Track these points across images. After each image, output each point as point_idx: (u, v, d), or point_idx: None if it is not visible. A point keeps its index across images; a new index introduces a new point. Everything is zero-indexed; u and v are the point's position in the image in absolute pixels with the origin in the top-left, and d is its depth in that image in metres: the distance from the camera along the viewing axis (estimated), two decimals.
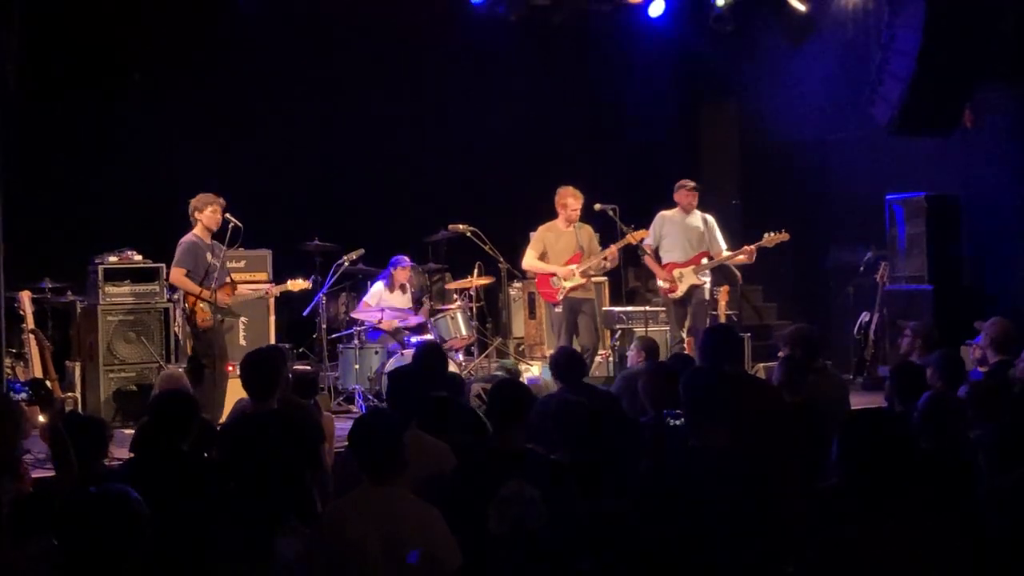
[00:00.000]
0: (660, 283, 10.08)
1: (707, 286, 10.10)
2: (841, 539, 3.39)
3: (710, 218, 10.22)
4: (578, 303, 9.87)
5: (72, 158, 11.06)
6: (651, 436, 5.25)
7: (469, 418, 5.89)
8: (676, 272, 9.96)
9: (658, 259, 10.13)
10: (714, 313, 10.39)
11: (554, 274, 9.86)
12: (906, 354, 7.60)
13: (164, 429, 5.08)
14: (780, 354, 6.78)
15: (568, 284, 9.81)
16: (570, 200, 9.88)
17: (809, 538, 3.63)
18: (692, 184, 10.14)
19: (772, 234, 9.95)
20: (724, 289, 10.50)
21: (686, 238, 10.05)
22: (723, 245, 10.14)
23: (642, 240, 9.89)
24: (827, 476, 4.61)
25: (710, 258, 10.07)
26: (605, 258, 9.86)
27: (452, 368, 9.13)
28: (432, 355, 6.56)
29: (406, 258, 10.90)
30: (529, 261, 10.11)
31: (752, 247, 9.95)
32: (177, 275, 8.80)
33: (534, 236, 10.19)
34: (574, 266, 9.81)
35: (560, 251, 9.92)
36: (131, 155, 11.28)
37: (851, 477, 3.49)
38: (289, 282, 9.69)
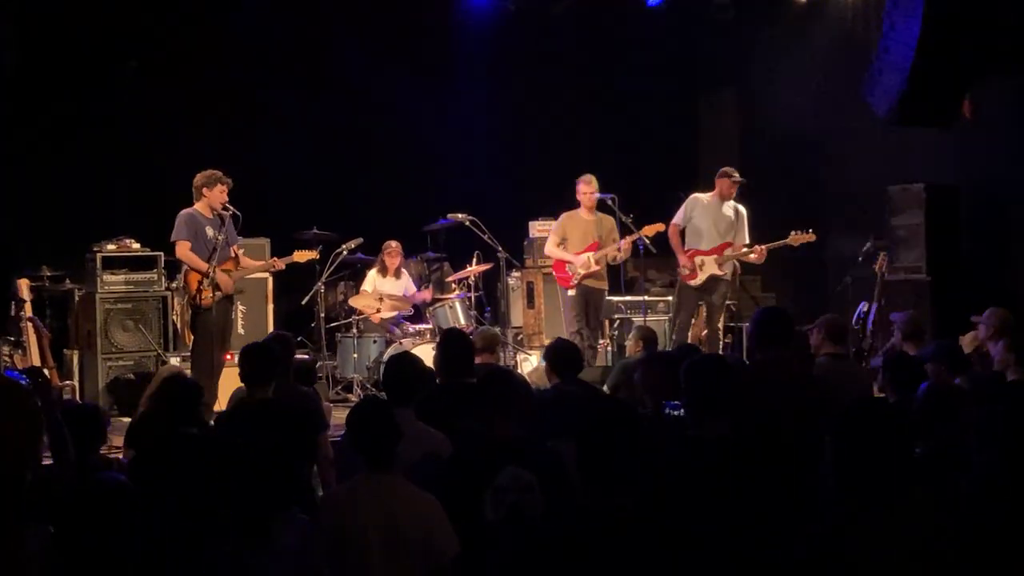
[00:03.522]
0: (681, 268, 9.93)
1: (727, 279, 10.02)
2: (836, 531, 3.39)
3: (743, 209, 10.06)
4: (590, 292, 9.95)
5: (70, 146, 11.04)
6: (649, 427, 5.24)
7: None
8: (698, 259, 9.89)
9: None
10: None
11: (570, 262, 9.90)
12: (897, 346, 7.58)
13: (169, 415, 5.10)
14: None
15: (583, 271, 9.86)
16: (581, 186, 9.97)
17: (805, 529, 3.63)
18: (738, 176, 10.05)
19: (797, 233, 9.87)
20: None
21: (715, 226, 9.92)
22: (746, 239, 10.04)
23: (655, 233, 9.86)
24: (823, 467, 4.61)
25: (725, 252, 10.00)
26: (618, 250, 9.86)
27: None
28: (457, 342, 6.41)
29: (394, 243, 10.89)
30: (549, 247, 10.25)
31: (763, 248, 9.88)
32: (182, 249, 8.54)
33: (556, 223, 10.30)
34: (589, 254, 9.85)
35: (578, 239, 9.99)
36: (129, 143, 11.27)
37: (845, 468, 3.47)
38: (296, 253, 9.35)
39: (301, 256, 9.38)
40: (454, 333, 6.73)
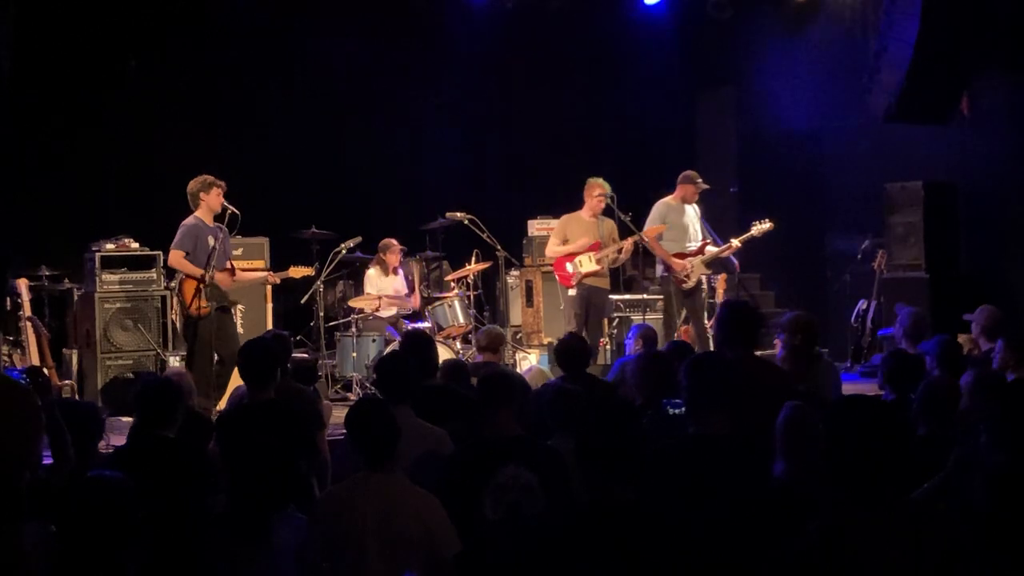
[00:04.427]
0: (678, 273, 9.91)
1: (705, 276, 10.10)
2: (829, 527, 3.39)
3: (697, 209, 10.23)
4: (592, 291, 9.92)
5: (69, 145, 11.04)
6: (648, 425, 5.24)
7: (469, 405, 5.87)
8: (688, 262, 9.93)
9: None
10: (712, 301, 10.41)
11: (573, 256, 9.88)
12: (897, 339, 7.59)
13: (148, 418, 5.11)
14: (777, 341, 6.76)
15: (584, 269, 9.84)
16: (598, 191, 9.92)
17: (799, 525, 3.63)
18: (703, 182, 10.09)
19: (758, 224, 9.95)
20: (722, 277, 10.51)
21: (688, 228, 10.03)
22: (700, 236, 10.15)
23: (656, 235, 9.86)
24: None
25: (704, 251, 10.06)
26: (619, 250, 9.86)
27: (450, 355, 9.14)
28: (420, 345, 6.49)
29: (394, 241, 10.89)
30: (551, 248, 10.17)
31: (738, 242, 9.96)
32: (176, 257, 8.65)
33: (557, 225, 10.28)
34: (591, 253, 9.85)
35: (580, 240, 9.96)
36: (128, 142, 11.27)
37: (838, 464, 3.48)
38: (291, 268, 9.44)
39: (297, 272, 9.50)
40: (413, 335, 6.77)
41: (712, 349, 9.46)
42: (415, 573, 4.05)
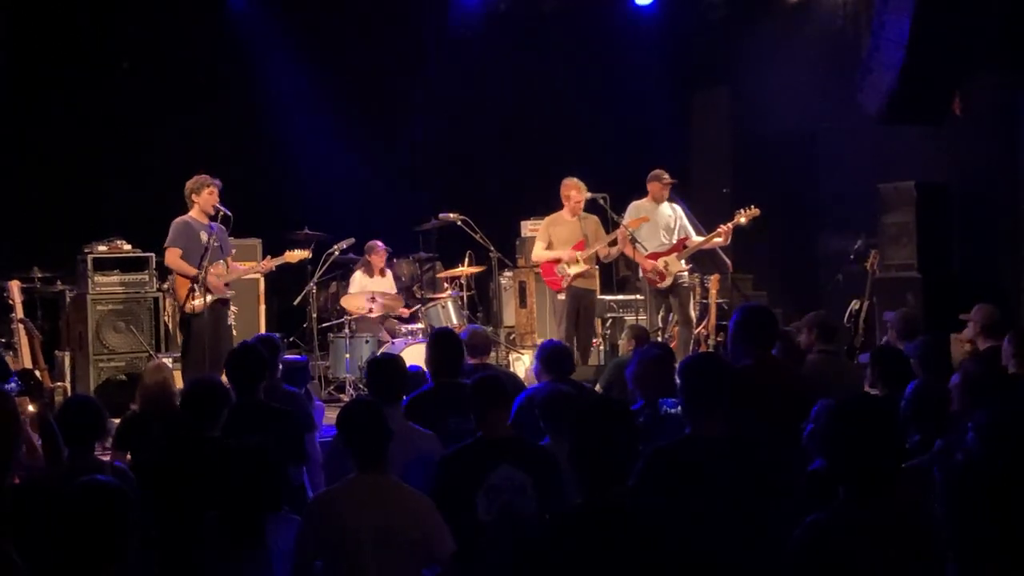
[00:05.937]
0: (649, 273, 9.96)
1: (687, 273, 10.08)
2: (825, 524, 3.40)
3: (677, 206, 10.19)
4: (581, 294, 9.89)
5: (61, 147, 11.03)
6: (643, 424, 5.24)
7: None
8: (661, 261, 9.92)
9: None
10: (705, 301, 10.40)
11: (560, 260, 9.83)
12: (892, 343, 7.60)
13: (198, 416, 5.01)
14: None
15: (573, 271, 9.80)
16: (573, 192, 9.90)
17: (794, 523, 3.64)
18: (668, 177, 10.11)
19: (744, 211, 9.93)
20: (715, 278, 10.50)
21: (661, 227, 10.01)
22: (691, 230, 10.13)
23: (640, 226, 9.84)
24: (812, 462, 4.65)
25: (685, 246, 10.05)
26: (613, 241, 9.83)
27: None
28: (448, 344, 6.33)
29: (379, 243, 10.87)
30: (537, 252, 10.11)
31: (727, 227, 9.92)
32: (172, 256, 8.62)
33: (540, 228, 10.23)
34: (578, 253, 9.81)
35: (564, 240, 9.92)
36: (120, 143, 11.27)
37: (835, 463, 3.48)
38: (287, 253, 9.38)
39: (292, 256, 9.40)
40: (444, 333, 6.71)
41: (694, 352, 9.46)
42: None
